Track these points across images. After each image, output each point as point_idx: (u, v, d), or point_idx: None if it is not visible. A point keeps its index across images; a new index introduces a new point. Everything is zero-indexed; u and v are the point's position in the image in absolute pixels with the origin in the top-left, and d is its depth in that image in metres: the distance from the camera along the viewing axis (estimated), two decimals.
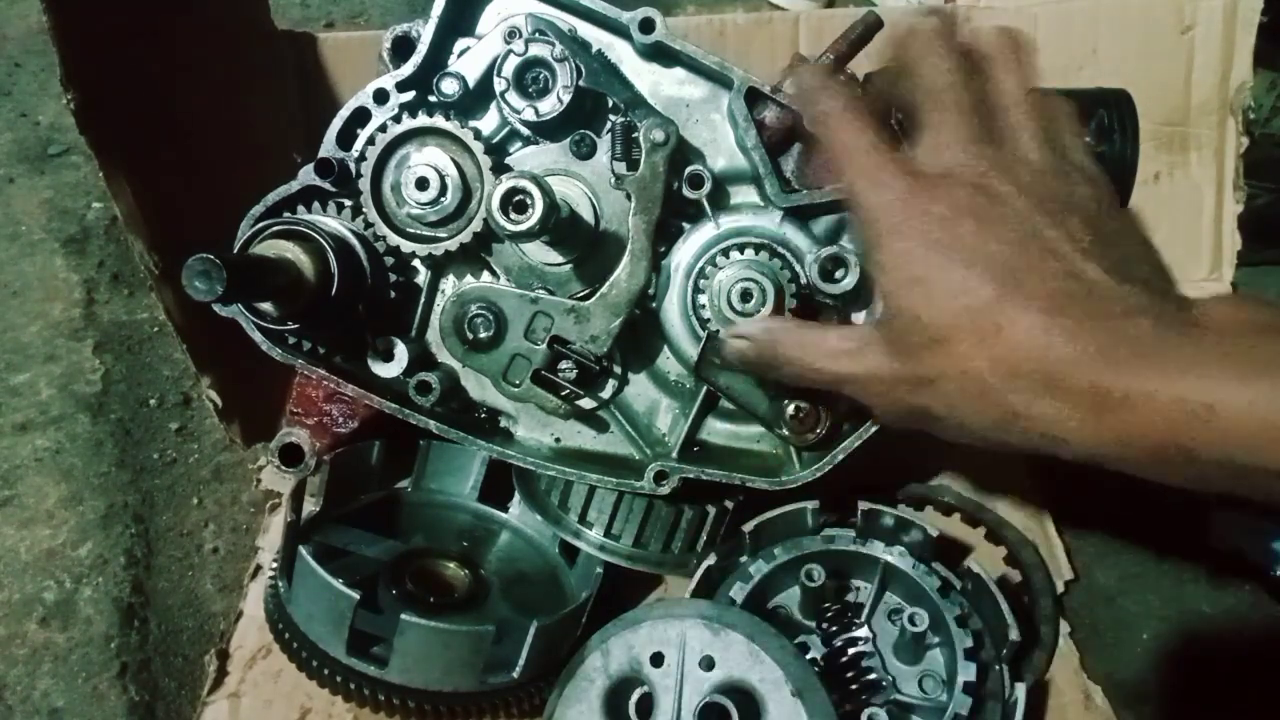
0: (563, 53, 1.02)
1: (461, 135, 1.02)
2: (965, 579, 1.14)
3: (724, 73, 1.04)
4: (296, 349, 1.06)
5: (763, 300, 1.00)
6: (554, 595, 1.22)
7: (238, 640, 1.30)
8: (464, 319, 1.05)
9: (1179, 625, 1.28)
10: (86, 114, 1.07)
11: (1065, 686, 1.19)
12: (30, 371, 1.65)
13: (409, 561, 1.17)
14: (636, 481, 1.10)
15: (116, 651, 1.34)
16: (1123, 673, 1.24)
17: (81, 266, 1.78)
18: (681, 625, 1.03)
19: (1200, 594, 1.30)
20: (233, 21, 1.45)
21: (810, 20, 1.57)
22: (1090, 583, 1.32)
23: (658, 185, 1.00)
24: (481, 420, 1.15)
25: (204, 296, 0.81)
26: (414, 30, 1.05)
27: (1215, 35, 1.52)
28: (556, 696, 1.03)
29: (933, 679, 1.11)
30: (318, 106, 1.54)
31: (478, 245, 1.06)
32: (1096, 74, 1.53)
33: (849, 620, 1.15)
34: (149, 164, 1.16)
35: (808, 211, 1.09)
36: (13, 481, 1.52)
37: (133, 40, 1.17)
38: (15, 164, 1.93)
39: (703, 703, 0.98)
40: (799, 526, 1.18)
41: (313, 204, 1.05)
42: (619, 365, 1.14)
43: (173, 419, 1.60)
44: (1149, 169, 1.56)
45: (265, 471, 1.52)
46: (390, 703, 1.00)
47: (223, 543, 1.47)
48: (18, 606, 1.39)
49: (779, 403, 1.07)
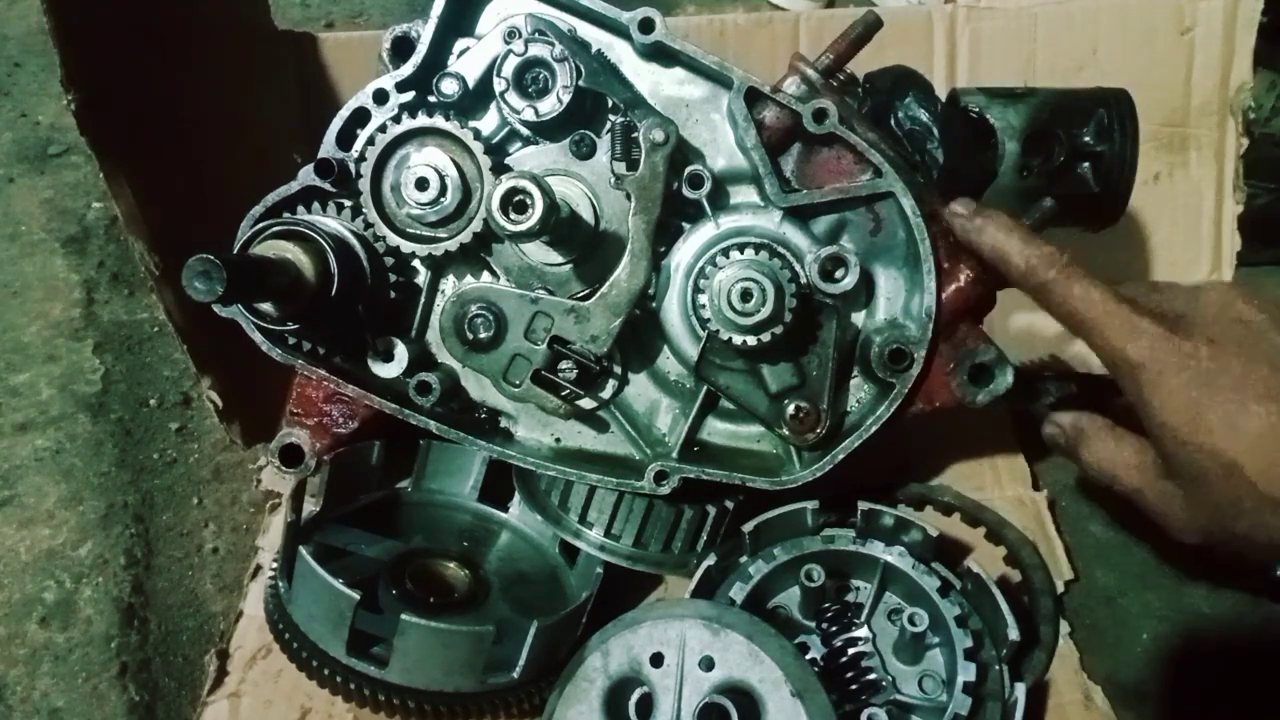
0: (562, 53, 1.02)
1: (461, 135, 1.02)
2: (965, 579, 1.14)
3: (724, 73, 1.04)
4: (296, 349, 1.06)
5: (763, 300, 1.00)
6: (554, 595, 1.22)
7: (238, 640, 1.30)
8: (464, 319, 1.05)
9: (1179, 625, 1.28)
10: (87, 114, 1.07)
11: (1065, 686, 1.19)
12: (30, 371, 1.64)
13: (409, 561, 1.17)
14: (636, 481, 1.10)
15: (116, 651, 1.34)
16: (1123, 673, 1.24)
17: (81, 266, 1.78)
18: (681, 625, 1.03)
19: (1200, 594, 1.30)
20: (233, 21, 1.45)
21: (810, 20, 1.57)
22: (1090, 583, 1.32)
23: (658, 185, 1.00)
24: (481, 420, 1.15)
25: (204, 297, 0.81)
26: (414, 30, 1.05)
27: (1215, 36, 1.52)
28: (556, 696, 1.03)
29: (932, 679, 1.11)
30: (318, 106, 1.54)
31: (478, 245, 1.06)
32: (1096, 74, 1.53)
33: (849, 620, 1.15)
34: (149, 164, 1.16)
35: (808, 211, 1.09)
36: (13, 481, 1.52)
37: (133, 40, 1.17)
38: (15, 164, 1.94)
39: (702, 703, 0.98)
40: (799, 526, 1.18)
41: (313, 204, 1.05)
42: (619, 365, 1.14)
43: (173, 419, 1.60)
44: (1149, 169, 1.56)
45: (265, 471, 1.52)
46: (390, 703, 1.00)
47: (223, 543, 1.47)
48: (18, 606, 1.39)
49: (779, 403, 1.07)
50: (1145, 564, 1.33)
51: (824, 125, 1.03)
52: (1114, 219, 1.19)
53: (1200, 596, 1.29)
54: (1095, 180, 1.15)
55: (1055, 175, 1.15)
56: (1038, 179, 1.15)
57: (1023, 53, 1.56)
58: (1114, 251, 1.59)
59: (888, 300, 1.12)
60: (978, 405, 1.10)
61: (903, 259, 1.10)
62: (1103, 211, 1.18)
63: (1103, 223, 1.20)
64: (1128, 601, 1.31)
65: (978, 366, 1.09)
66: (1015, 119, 1.14)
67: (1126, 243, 1.60)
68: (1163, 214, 1.60)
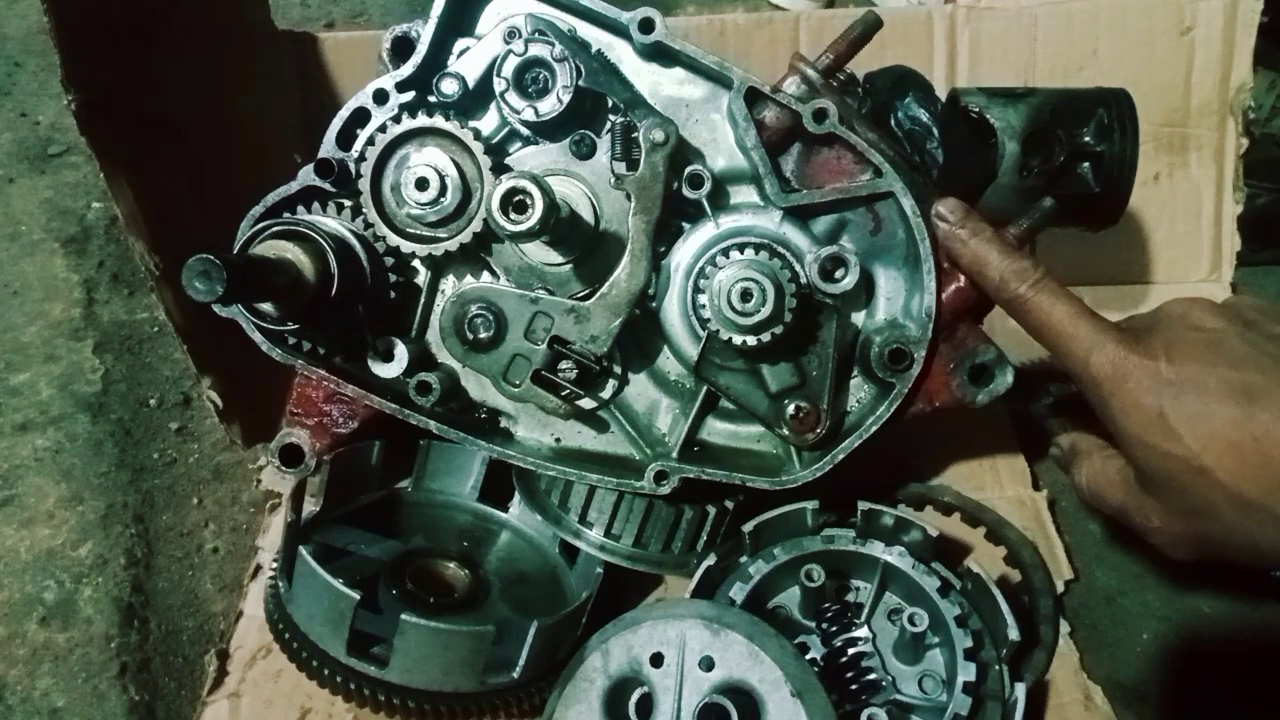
0: (562, 53, 1.02)
1: (461, 135, 1.02)
2: (965, 579, 1.14)
3: (724, 73, 1.04)
4: (296, 349, 1.06)
5: (763, 300, 1.00)
6: (554, 595, 1.22)
7: (238, 640, 1.30)
8: (464, 319, 1.05)
9: (1179, 625, 1.28)
10: (87, 114, 1.07)
11: (1065, 686, 1.19)
12: (30, 371, 1.64)
13: (409, 561, 1.17)
14: (636, 481, 1.10)
15: (116, 651, 1.34)
16: (1123, 673, 1.24)
17: (81, 266, 1.78)
18: (681, 625, 1.03)
19: (1200, 594, 1.30)
20: (233, 22, 1.45)
21: (810, 20, 1.57)
22: (1090, 583, 1.32)
23: (658, 185, 1.00)
24: (481, 420, 1.15)
25: (204, 297, 0.81)
26: (414, 30, 1.05)
27: (1215, 36, 1.52)
28: (556, 696, 1.03)
29: (932, 679, 1.11)
30: (318, 106, 1.54)
31: (477, 245, 1.06)
32: (1096, 74, 1.53)
33: (849, 620, 1.15)
34: (149, 164, 1.16)
35: (807, 211, 1.09)
36: (13, 481, 1.52)
37: (133, 40, 1.17)
38: (15, 164, 1.94)
39: (702, 703, 0.98)
40: (799, 526, 1.18)
41: (313, 204, 1.05)
42: (619, 365, 1.14)
43: (173, 419, 1.60)
44: (1149, 169, 1.56)
45: (265, 471, 1.52)
46: (390, 703, 1.00)
47: (223, 543, 1.47)
48: (18, 606, 1.39)
49: (779, 403, 1.07)
50: (1145, 564, 1.33)
51: (824, 125, 1.03)
52: (1114, 219, 1.19)
53: (1200, 596, 1.29)
54: (1095, 180, 1.15)
55: (1055, 175, 1.15)
56: (1038, 179, 1.15)
57: (1023, 53, 1.56)
58: (1114, 251, 1.59)
59: (888, 300, 1.12)
60: (978, 405, 1.10)
61: (903, 259, 1.10)
62: (1103, 211, 1.18)
63: (1103, 223, 1.20)
64: (1128, 601, 1.31)
65: (978, 366, 1.09)
66: (1015, 119, 1.14)
67: (1126, 243, 1.60)
68: (1163, 214, 1.60)
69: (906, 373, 1.07)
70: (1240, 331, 0.89)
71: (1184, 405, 0.86)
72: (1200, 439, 0.85)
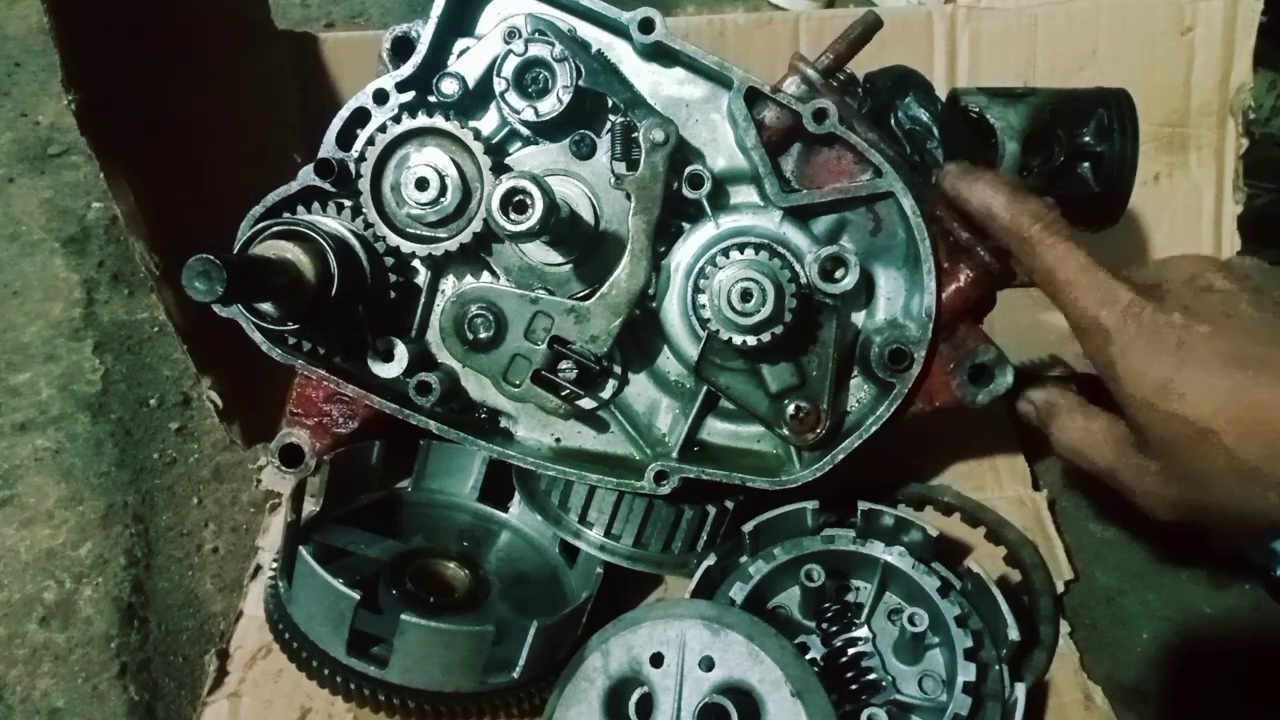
0: (562, 53, 1.02)
1: (461, 135, 1.02)
2: (965, 579, 1.14)
3: (724, 73, 1.04)
4: (296, 349, 1.06)
5: (763, 300, 1.00)
6: (554, 595, 1.22)
7: (238, 640, 1.30)
8: (464, 319, 1.05)
9: (1179, 625, 1.28)
10: (87, 114, 1.07)
11: (1065, 686, 1.19)
12: (30, 371, 1.65)
13: (409, 561, 1.17)
14: (636, 481, 1.10)
15: (116, 651, 1.34)
16: (1123, 673, 1.24)
17: (81, 266, 1.78)
18: (681, 625, 1.03)
19: (1200, 594, 1.30)
20: (233, 22, 1.45)
21: (810, 20, 1.57)
22: (1090, 583, 1.32)
23: (658, 185, 1.00)
24: (481, 420, 1.15)
25: (204, 297, 0.81)
26: (414, 30, 1.05)
27: (1215, 36, 1.52)
28: (556, 696, 1.03)
29: (932, 679, 1.11)
30: (318, 106, 1.54)
31: (477, 245, 1.06)
32: (1096, 74, 1.53)
33: (849, 620, 1.15)
34: (149, 164, 1.16)
35: (807, 211, 1.09)
36: (13, 481, 1.52)
37: (133, 40, 1.17)
38: (15, 164, 1.94)
39: (702, 703, 0.98)
40: (799, 526, 1.18)
41: (312, 204, 1.05)
42: (619, 365, 1.14)
43: (173, 419, 1.60)
44: (1149, 170, 1.56)
45: (265, 471, 1.52)
46: (390, 703, 1.00)
47: (223, 543, 1.47)
48: (18, 606, 1.39)
49: (779, 403, 1.07)
50: (1145, 564, 1.33)
51: (824, 125, 1.03)
52: (1114, 219, 1.19)
53: (1200, 596, 1.30)
54: (1095, 180, 1.15)
55: (1055, 175, 1.15)
56: (1038, 179, 1.15)
57: (1023, 53, 1.56)
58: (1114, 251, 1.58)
59: (888, 300, 1.12)
60: (978, 405, 1.10)
61: (903, 259, 1.10)
62: (1103, 211, 1.18)
63: (1103, 223, 1.20)
64: (1128, 601, 1.31)
65: (978, 366, 1.09)
66: (1015, 119, 1.14)
67: (1126, 243, 1.60)
68: (1163, 214, 1.60)
69: (906, 373, 1.07)
70: (1252, 297, 0.87)
71: (1193, 367, 0.83)
72: (1205, 403, 0.82)
